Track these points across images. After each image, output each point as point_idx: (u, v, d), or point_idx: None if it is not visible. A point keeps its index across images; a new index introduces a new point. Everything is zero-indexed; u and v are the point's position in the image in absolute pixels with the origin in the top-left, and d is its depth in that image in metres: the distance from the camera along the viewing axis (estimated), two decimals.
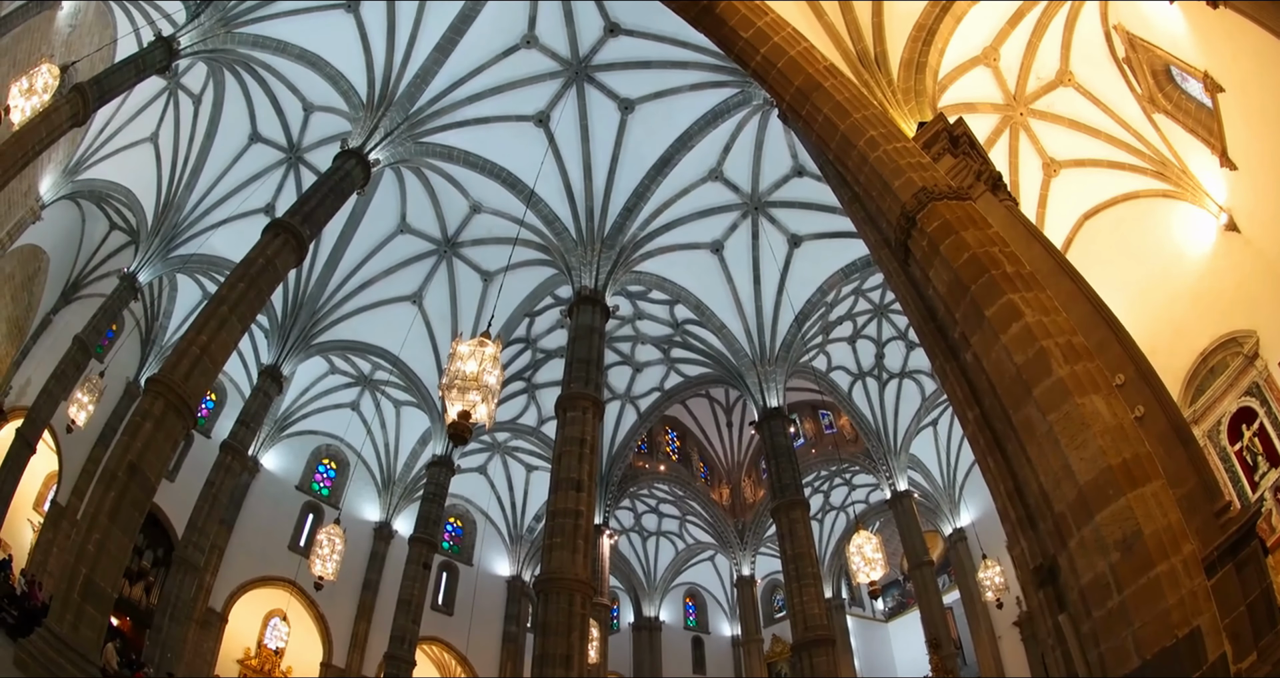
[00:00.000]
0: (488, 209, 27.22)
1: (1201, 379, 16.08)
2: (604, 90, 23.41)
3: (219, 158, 26.74)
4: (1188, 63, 14.12)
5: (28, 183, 21.73)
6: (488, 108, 23.67)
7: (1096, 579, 6.56)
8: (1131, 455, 6.71)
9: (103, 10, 21.60)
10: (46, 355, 25.28)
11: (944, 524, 32.33)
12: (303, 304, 28.78)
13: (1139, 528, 6.33)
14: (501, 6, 21.92)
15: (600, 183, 24.55)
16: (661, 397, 34.76)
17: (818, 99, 11.62)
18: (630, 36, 22.24)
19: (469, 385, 10.68)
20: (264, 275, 17.43)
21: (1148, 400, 8.76)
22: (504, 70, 23.11)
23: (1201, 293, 16.14)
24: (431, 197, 27.71)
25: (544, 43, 22.72)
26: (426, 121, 23.14)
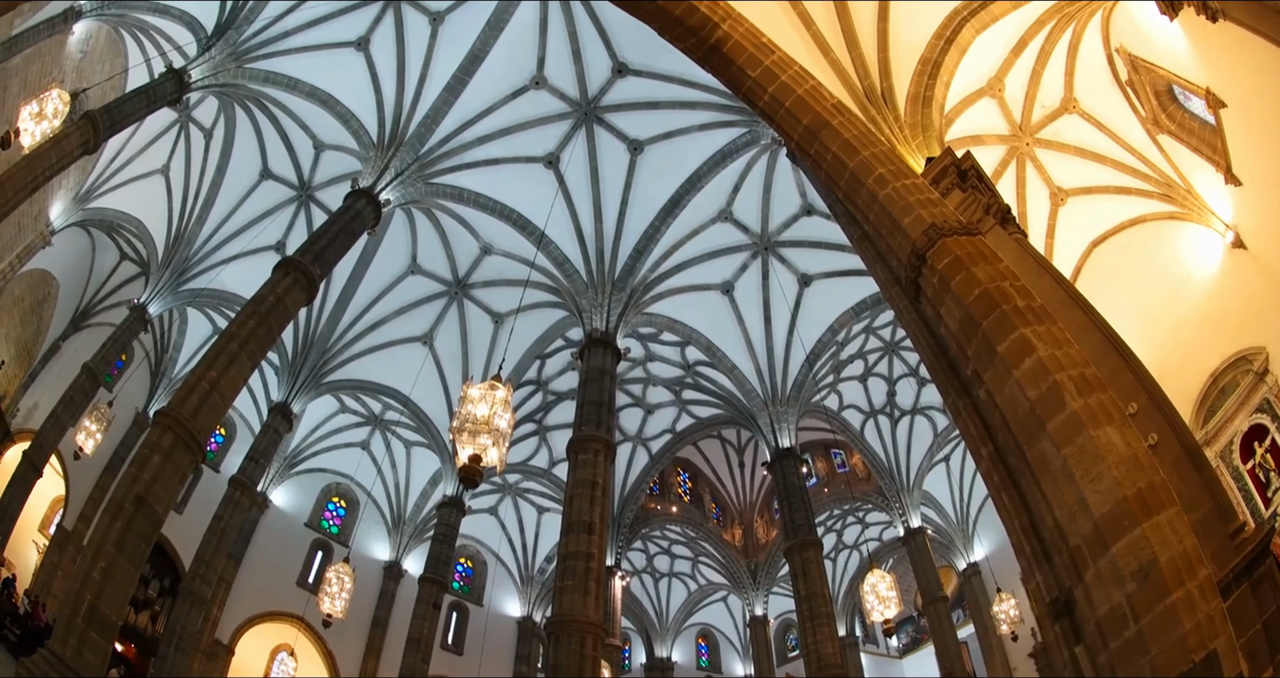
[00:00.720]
0: (498, 251, 27.26)
1: (1213, 400, 15.98)
2: (613, 131, 23.52)
3: (230, 193, 26.91)
4: (1189, 80, 14.15)
5: (38, 207, 21.94)
6: (498, 149, 23.81)
7: (1113, 610, 6.54)
8: (1146, 485, 6.69)
9: (114, 38, 21.89)
10: (55, 381, 25.44)
11: (958, 559, 32.06)
12: (313, 343, 28.80)
13: (1155, 557, 6.31)
14: (510, 47, 22.12)
15: (610, 224, 24.62)
16: (673, 438, 34.63)
17: (826, 137, 11.64)
18: (638, 77, 22.37)
19: (480, 429, 10.69)
20: (274, 313, 17.45)
21: (1160, 427, 8.71)
22: (514, 111, 23.27)
23: (1210, 313, 16.09)
24: (442, 237, 27.78)
25: (553, 84, 22.88)
26: (437, 162, 23.27)
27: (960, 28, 15.08)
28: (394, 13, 22.32)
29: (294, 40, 22.27)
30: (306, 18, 22.04)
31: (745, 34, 12.38)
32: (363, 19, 22.44)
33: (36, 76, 19.38)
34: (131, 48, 22.21)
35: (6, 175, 17.09)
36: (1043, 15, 15.62)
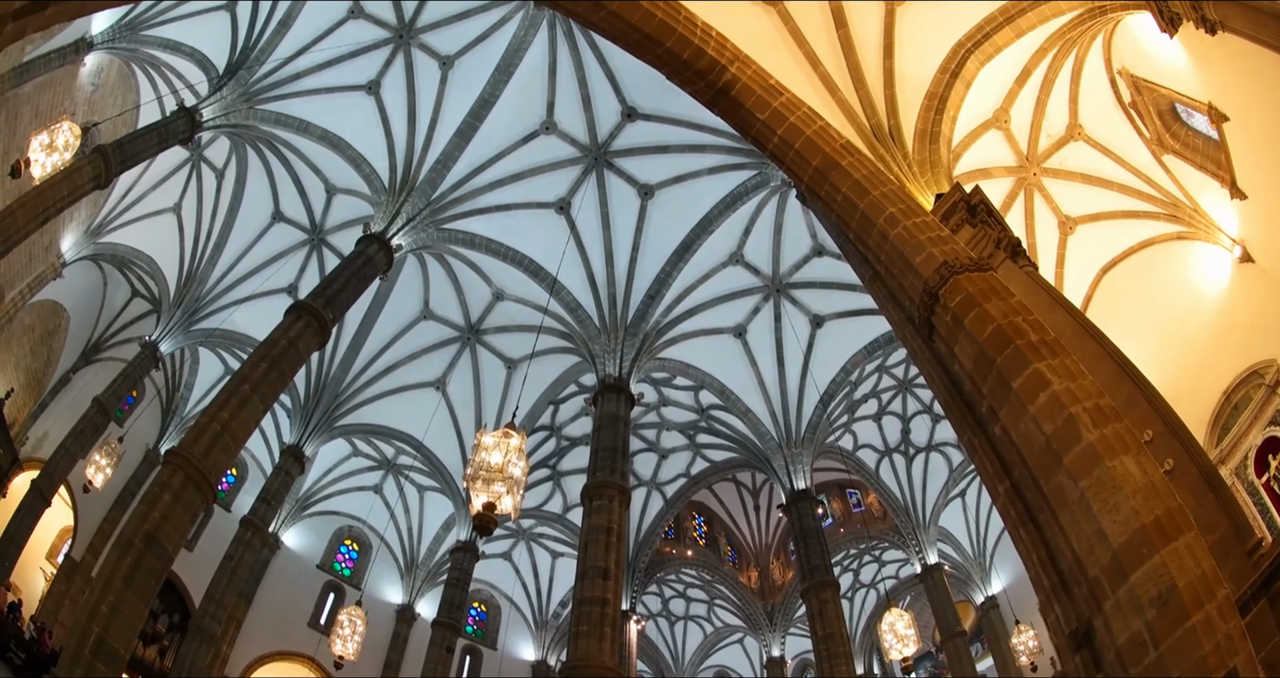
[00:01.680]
0: (510, 296, 27.32)
1: (1227, 417, 15.74)
2: (623, 176, 23.63)
3: (242, 234, 27.08)
4: (1191, 97, 14.11)
5: (49, 238, 22.10)
6: (509, 194, 23.94)
7: (1133, 638, 6.52)
8: (1163, 512, 6.68)
9: (126, 73, 22.11)
10: (65, 412, 25.50)
11: (975, 593, 31.75)
12: (325, 386, 28.80)
13: (1173, 583, 6.32)
14: (520, 92, 22.33)
15: (622, 270, 24.66)
16: (688, 483, 34.42)
17: (836, 178, 11.64)
18: (647, 121, 22.52)
19: (494, 477, 10.70)
20: (286, 357, 17.47)
21: (1176, 452, 8.76)
22: (524, 156, 23.43)
23: (1221, 330, 15.97)
24: (454, 283, 27.86)
25: (563, 129, 23.03)
26: (448, 207, 23.40)
27: (965, 61, 15.24)
28: (404, 56, 22.59)
29: (305, 82, 22.56)
30: (317, 60, 22.31)
31: (753, 76, 12.43)
32: (373, 62, 22.71)
33: (48, 106, 19.58)
34: (143, 83, 22.46)
35: (17, 204, 17.29)
36: (1045, 42, 15.73)
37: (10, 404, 22.35)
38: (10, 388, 22.55)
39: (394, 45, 22.49)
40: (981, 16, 15.10)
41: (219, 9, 21.42)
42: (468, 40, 22.11)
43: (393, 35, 22.36)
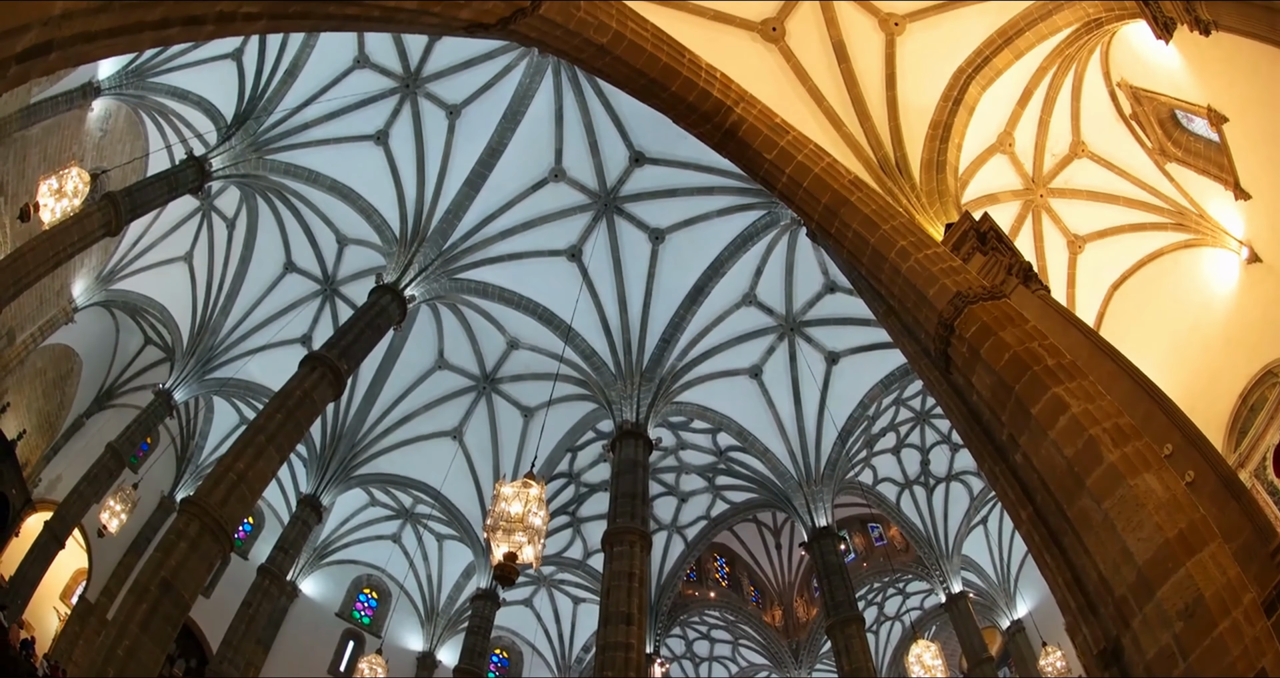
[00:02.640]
0: (525, 345, 27.29)
1: (1244, 420, 15.56)
2: (633, 221, 23.65)
3: (254, 285, 27.22)
4: (1190, 102, 14.11)
5: (60, 282, 22.32)
6: (520, 243, 23.99)
7: (1161, 652, 6.52)
8: (1187, 524, 6.68)
9: (134, 119, 22.33)
10: (78, 456, 25.62)
11: (1001, 618, 31.31)
12: (341, 436, 28.76)
13: (1200, 593, 6.31)
14: (528, 140, 22.41)
15: (636, 315, 24.62)
16: (708, 525, 34.10)
17: (846, 215, 11.63)
18: (655, 165, 22.55)
19: (514, 527, 10.70)
20: (302, 408, 17.45)
21: (1196, 462, 8.78)
22: (534, 204, 23.48)
23: (1233, 333, 15.85)
24: (468, 333, 27.86)
25: (572, 175, 23.08)
26: (460, 257, 23.44)
27: (966, 86, 15.37)
28: (411, 106, 22.72)
29: (313, 132, 22.71)
30: (325, 110, 22.48)
31: (759, 116, 12.45)
32: (380, 112, 22.85)
33: (56, 150, 19.73)
34: (152, 131, 22.69)
35: (28, 247, 17.41)
36: (1044, 61, 15.81)
37: (23, 445, 22.46)
38: (23, 429, 22.67)
39: (400, 94, 22.63)
40: (980, 40, 15.28)
41: (225, 58, 21.62)
42: (474, 89, 22.21)
43: (399, 85, 22.51)
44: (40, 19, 3.08)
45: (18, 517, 21.59)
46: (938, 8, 15.29)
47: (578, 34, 9.91)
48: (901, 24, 15.40)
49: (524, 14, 8.11)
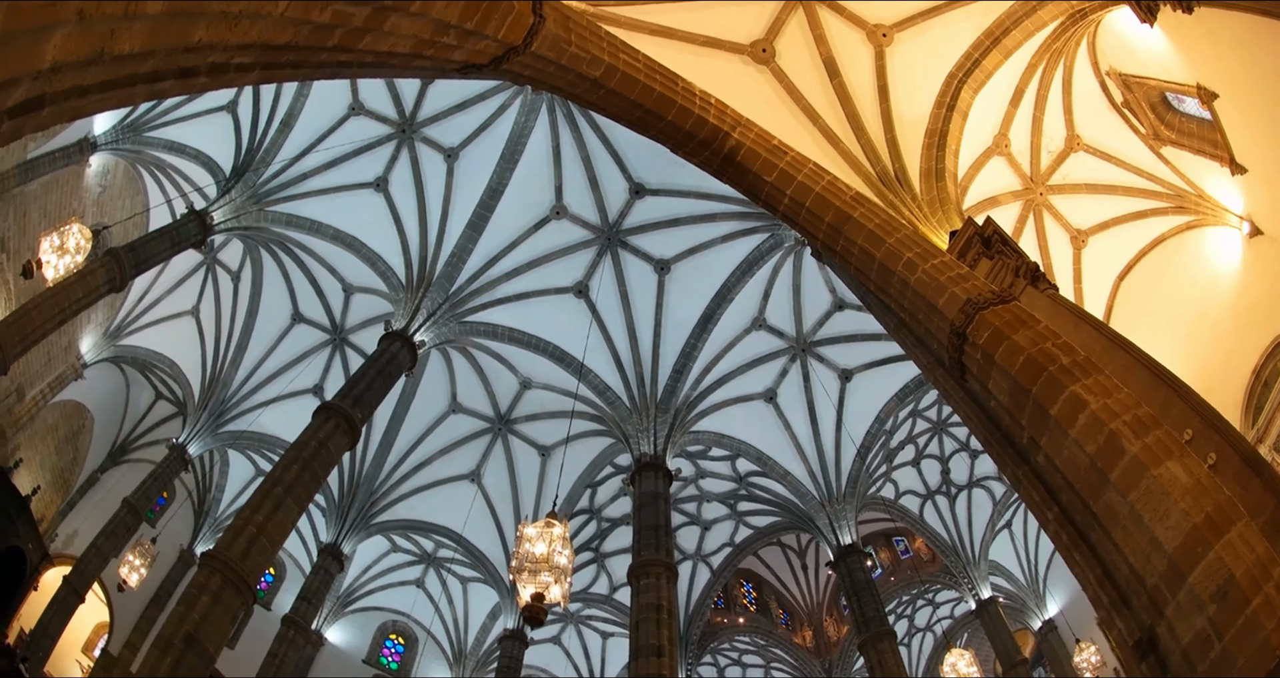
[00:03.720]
0: (538, 384, 27.23)
1: (1259, 395, 15.59)
2: (638, 253, 23.67)
3: (262, 336, 27.29)
4: (1179, 83, 14.19)
5: (67, 339, 22.45)
6: (527, 282, 24.00)
7: (1197, 636, 6.46)
8: (1213, 507, 6.63)
9: (132, 174, 22.46)
10: (94, 511, 25.67)
11: (1032, 619, 31.08)
12: (359, 484, 28.70)
13: (1230, 574, 6.26)
14: (527, 179, 22.49)
15: (647, 348, 24.57)
16: (733, 551, 33.98)
17: (850, 231, 11.56)
18: (656, 196, 22.59)
19: (540, 567, 10.70)
20: (318, 458, 17.37)
21: (1217, 443, 8.59)
22: (538, 243, 23.53)
23: (1241, 310, 15.86)
24: (480, 375, 27.83)
25: (573, 212, 23.13)
26: (468, 300, 23.46)
27: (959, 91, 15.35)
28: (409, 151, 22.82)
29: (313, 182, 22.81)
30: (323, 159, 22.60)
31: (756, 139, 12.38)
32: (379, 159, 22.94)
33: (55, 206, 19.86)
34: (151, 185, 22.83)
35: (32, 304, 17.49)
36: (1033, 59, 15.79)
37: (37, 501, 22.56)
38: (37, 485, 22.70)
39: (398, 140, 22.73)
40: (968, 43, 15.25)
41: (220, 111, 21.77)
42: (470, 131, 22.31)
43: (395, 130, 22.61)
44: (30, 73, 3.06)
45: (36, 571, 21.68)
46: (924, 14, 15.28)
47: (570, 69, 9.90)
48: (890, 34, 15.40)
49: (516, 52, 8.10)
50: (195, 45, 3.95)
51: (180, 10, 3.58)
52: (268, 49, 4.64)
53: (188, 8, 3.61)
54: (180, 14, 3.61)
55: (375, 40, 5.66)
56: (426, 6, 5.64)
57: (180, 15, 3.63)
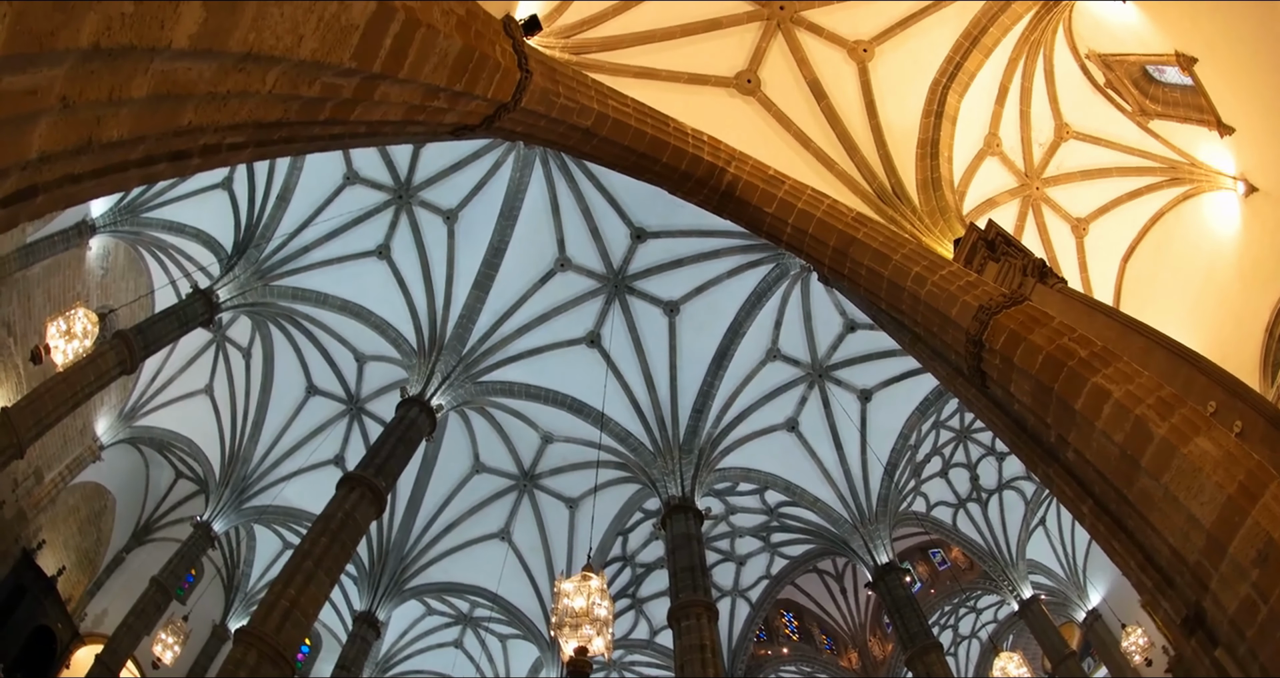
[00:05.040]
0: (559, 437, 27.15)
1: (1275, 352, 15.29)
2: (646, 297, 23.64)
3: (278, 410, 27.31)
4: (1158, 53, 14.18)
5: (82, 421, 22.51)
6: (538, 337, 24.00)
7: (1242, 603, 6.45)
8: (1245, 475, 6.57)
9: (134, 256, 22.62)
10: (122, 591, 25.75)
11: (1076, 611, 30.76)
12: (389, 551, 28.57)
13: (1269, 536, 6.22)
14: (528, 234, 22.55)
15: (664, 391, 24.48)
16: (771, 583, 33.82)
17: (855, 253, 11.52)
18: (657, 238, 22.61)
19: (580, 621, 10.67)
20: (346, 529, 17.35)
21: (1241, 410, 8.60)
22: (546, 297, 23.55)
23: (1247, 270, 15.59)
24: (501, 433, 27.76)
25: (577, 262, 23.15)
26: (481, 360, 23.46)
27: (945, 97, 15.45)
28: (407, 216, 22.94)
29: (315, 254, 22.94)
30: (323, 231, 22.71)
31: (752, 171, 12.35)
32: (378, 226, 23.05)
33: (59, 289, 20.03)
34: (153, 266, 23.02)
35: (44, 389, 17.63)
36: (1013, 53, 15.84)
37: (64, 581, 22.84)
38: (62, 565, 22.93)
39: (395, 206, 22.85)
40: (948, 47, 15.35)
41: (216, 188, 21.94)
42: (466, 191, 22.44)
43: (392, 197, 22.74)
44: (18, 164, 3.05)
45: (66, 650, 21.73)
46: (901, 24, 15.35)
47: (561, 121, 9.90)
48: (870, 49, 15.48)
49: (507, 109, 8.11)
50: (186, 128, 3.94)
51: (167, 94, 3.57)
52: (260, 127, 4.63)
53: (174, 91, 3.60)
54: (167, 98, 3.60)
55: (366, 110, 5.67)
56: (415, 72, 5.65)
57: (167, 99, 3.62)
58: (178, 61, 3.46)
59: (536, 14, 11.10)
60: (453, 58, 6.11)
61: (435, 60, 5.86)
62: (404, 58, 5.34)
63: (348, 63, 4.66)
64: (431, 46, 5.66)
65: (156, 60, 3.32)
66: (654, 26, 14.59)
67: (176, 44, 3.28)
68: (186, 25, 3.26)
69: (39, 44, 2.69)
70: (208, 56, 3.56)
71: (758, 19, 15.27)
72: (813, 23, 15.39)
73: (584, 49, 13.79)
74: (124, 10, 2.94)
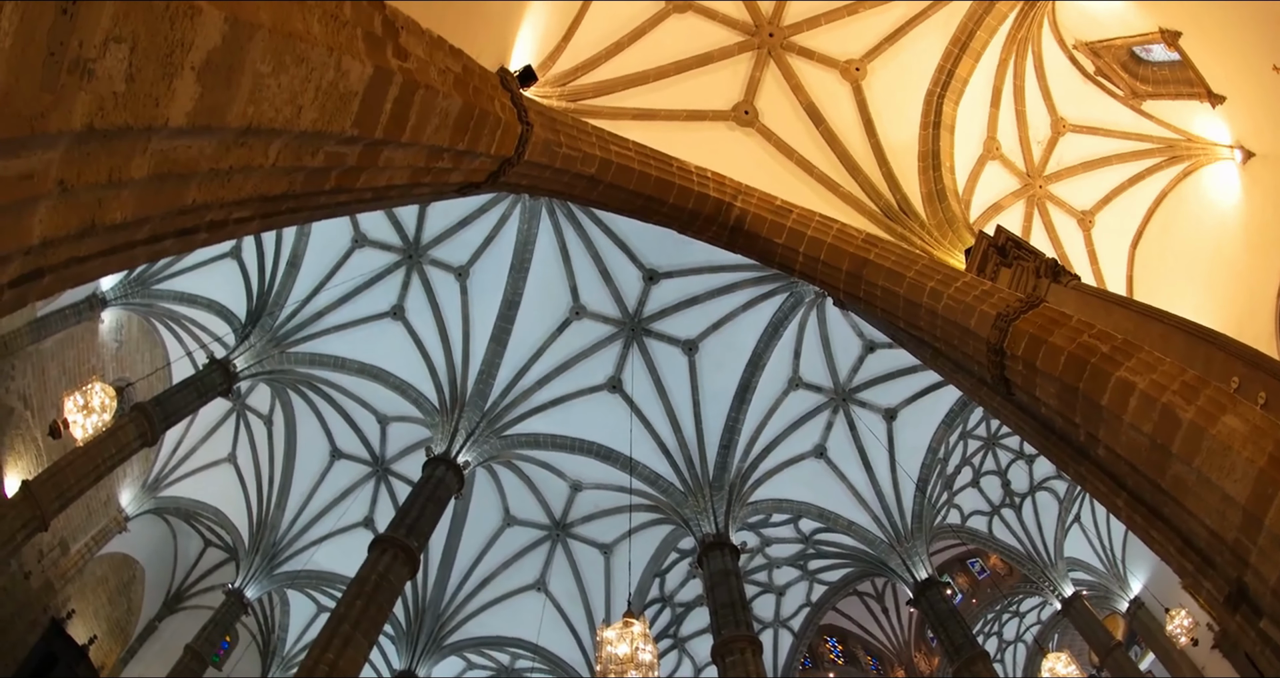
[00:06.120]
0: (588, 485, 27.03)
1: None
2: (663, 338, 23.59)
3: (304, 476, 27.32)
4: (1142, 33, 14.22)
5: (106, 493, 22.67)
6: (560, 387, 23.91)
7: None
8: (1274, 446, 6.49)
9: (147, 327, 22.76)
10: (156, 659, 25.87)
11: (1119, 602, 30.64)
12: (425, 609, 28.42)
13: None
14: (541, 285, 22.59)
15: (690, 430, 24.35)
16: (811, 611, 33.75)
17: (869, 274, 11.43)
18: (670, 278, 22.59)
19: (625, 667, 10.66)
20: (380, 591, 17.31)
21: (1264, 381, 8.61)
22: (564, 346, 23.51)
23: (1253, 237, 15.44)
24: (530, 485, 27.65)
25: (592, 309, 23.13)
26: (504, 414, 23.39)
27: (940, 107, 15.50)
28: (419, 275, 23.03)
29: (329, 319, 23.01)
30: (335, 295, 22.83)
31: (759, 203, 12.29)
32: (391, 287, 23.14)
33: (74, 362, 20.15)
34: (168, 337, 23.18)
35: (65, 461, 17.60)
36: (1002, 55, 15.88)
37: (96, 649, 22.86)
38: (93, 635, 23.00)
39: (406, 266, 22.95)
40: (938, 56, 15.42)
41: (225, 258, 22.10)
42: (475, 246, 22.52)
43: (402, 257, 22.85)
44: (20, 249, 3.02)
45: None
46: (890, 38, 15.43)
47: (565, 171, 9.86)
48: (862, 67, 15.53)
49: (511, 164, 8.09)
50: (190, 207, 3.91)
51: (168, 173, 3.54)
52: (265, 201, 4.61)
53: (175, 170, 3.57)
54: (169, 177, 3.57)
55: (372, 177, 5.66)
56: (417, 135, 5.63)
57: (169, 178, 3.59)
58: (176, 140, 3.43)
59: (530, 65, 11.13)
60: (453, 117, 6.10)
61: (436, 121, 5.84)
62: (405, 121, 5.32)
63: (350, 130, 4.64)
64: (432, 107, 5.64)
65: (154, 139, 3.29)
66: (647, 66, 14.66)
67: (174, 122, 3.25)
68: (182, 102, 3.23)
69: (29, 127, 2.67)
70: (207, 133, 3.53)
71: (749, 49, 15.35)
72: (803, 47, 15.46)
73: (580, 95, 13.84)
74: (115, 90, 2.91)
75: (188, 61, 3.12)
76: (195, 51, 3.12)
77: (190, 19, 3.02)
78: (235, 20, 3.25)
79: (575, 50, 13.90)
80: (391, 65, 4.86)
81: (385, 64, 4.75)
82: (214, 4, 3.13)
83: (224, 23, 3.19)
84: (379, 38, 4.84)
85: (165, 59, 3.02)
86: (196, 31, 3.08)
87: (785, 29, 15.34)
